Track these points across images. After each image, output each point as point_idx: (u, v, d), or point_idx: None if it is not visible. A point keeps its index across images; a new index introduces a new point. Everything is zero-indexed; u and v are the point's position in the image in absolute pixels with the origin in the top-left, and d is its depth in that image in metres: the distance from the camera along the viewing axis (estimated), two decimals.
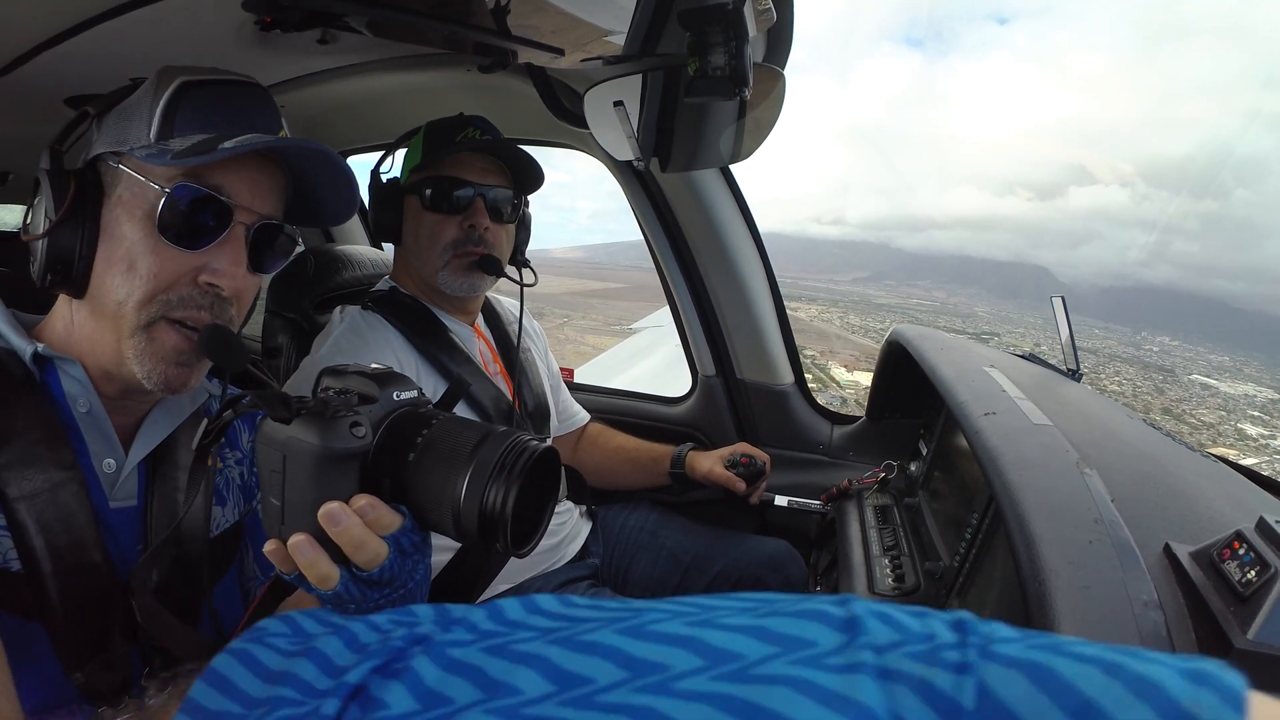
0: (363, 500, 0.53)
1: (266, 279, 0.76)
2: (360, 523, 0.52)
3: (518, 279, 1.22)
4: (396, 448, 0.56)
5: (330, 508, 0.52)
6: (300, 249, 0.75)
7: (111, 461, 0.68)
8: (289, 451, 0.53)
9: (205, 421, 0.62)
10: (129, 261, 0.64)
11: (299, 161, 0.71)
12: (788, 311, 1.69)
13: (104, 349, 0.68)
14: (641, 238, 1.63)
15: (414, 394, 0.60)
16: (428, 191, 1.13)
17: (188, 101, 0.65)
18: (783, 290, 1.66)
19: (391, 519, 0.54)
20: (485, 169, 1.16)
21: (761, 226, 1.58)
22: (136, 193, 0.65)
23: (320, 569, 0.53)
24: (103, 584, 0.65)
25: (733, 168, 1.48)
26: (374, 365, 0.61)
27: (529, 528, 0.57)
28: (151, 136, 0.64)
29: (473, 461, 0.52)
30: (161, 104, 0.65)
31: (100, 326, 0.67)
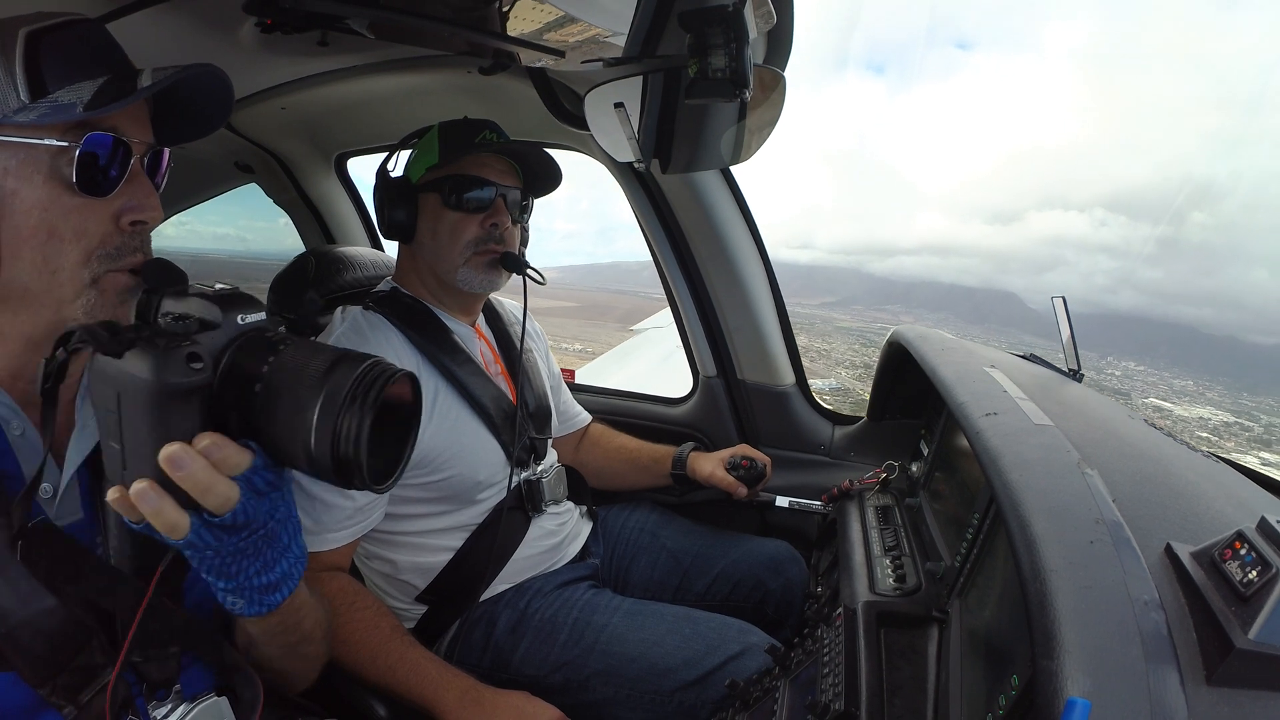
0: (207, 439, 0.49)
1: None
2: (206, 464, 0.49)
3: (537, 277, 1.24)
4: (241, 379, 0.51)
5: (172, 450, 0.48)
6: (172, 164, 0.73)
7: (48, 487, 0.64)
8: (123, 389, 0.49)
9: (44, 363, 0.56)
10: (47, 229, 0.61)
11: (181, 86, 0.67)
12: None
13: (26, 340, 0.64)
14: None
15: (260, 316, 0.55)
16: (450, 190, 1.15)
17: (45, 52, 0.62)
18: None
19: (240, 458, 0.50)
20: (503, 170, 1.19)
21: None
22: (27, 158, 0.61)
23: (167, 516, 0.49)
24: (68, 619, 0.62)
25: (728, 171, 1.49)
26: (218, 285, 0.56)
27: (390, 460, 0.53)
28: (24, 98, 0.60)
29: (322, 390, 0.48)
30: (20, 63, 0.61)
31: (21, 315, 0.63)
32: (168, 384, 0.48)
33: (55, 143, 0.61)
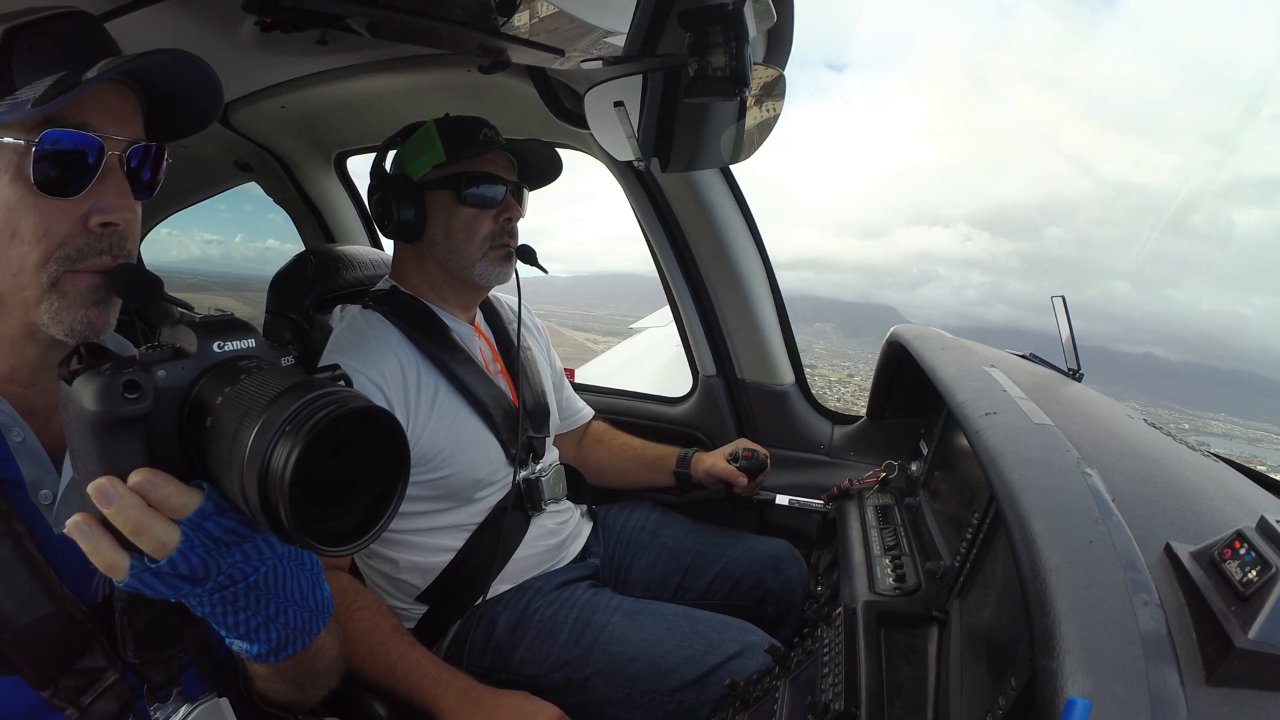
0: (139, 475, 0.46)
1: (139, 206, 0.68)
2: (138, 502, 0.46)
3: (543, 269, 1.27)
4: (198, 412, 0.48)
5: (99, 483, 0.46)
6: (170, 161, 0.69)
7: (48, 493, 0.64)
8: (69, 416, 0.48)
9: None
10: (10, 229, 0.59)
11: (155, 76, 0.64)
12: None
13: (9, 342, 0.63)
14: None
15: (246, 344, 0.51)
16: (465, 187, 1.15)
17: (21, 49, 0.59)
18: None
19: (183, 499, 0.47)
20: (507, 165, 1.21)
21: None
22: None
23: (104, 556, 0.47)
24: (69, 623, 0.62)
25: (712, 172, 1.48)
26: (216, 310, 0.51)
27: (358, 518, 0.48)
28: None
29: (263, 415, 0.44)
30: None
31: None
32: (106, 412, 0.46)
33: (14, 140, 0.58)
